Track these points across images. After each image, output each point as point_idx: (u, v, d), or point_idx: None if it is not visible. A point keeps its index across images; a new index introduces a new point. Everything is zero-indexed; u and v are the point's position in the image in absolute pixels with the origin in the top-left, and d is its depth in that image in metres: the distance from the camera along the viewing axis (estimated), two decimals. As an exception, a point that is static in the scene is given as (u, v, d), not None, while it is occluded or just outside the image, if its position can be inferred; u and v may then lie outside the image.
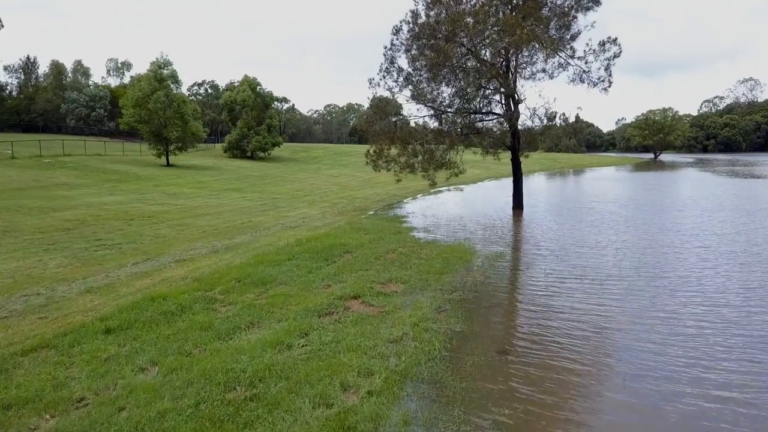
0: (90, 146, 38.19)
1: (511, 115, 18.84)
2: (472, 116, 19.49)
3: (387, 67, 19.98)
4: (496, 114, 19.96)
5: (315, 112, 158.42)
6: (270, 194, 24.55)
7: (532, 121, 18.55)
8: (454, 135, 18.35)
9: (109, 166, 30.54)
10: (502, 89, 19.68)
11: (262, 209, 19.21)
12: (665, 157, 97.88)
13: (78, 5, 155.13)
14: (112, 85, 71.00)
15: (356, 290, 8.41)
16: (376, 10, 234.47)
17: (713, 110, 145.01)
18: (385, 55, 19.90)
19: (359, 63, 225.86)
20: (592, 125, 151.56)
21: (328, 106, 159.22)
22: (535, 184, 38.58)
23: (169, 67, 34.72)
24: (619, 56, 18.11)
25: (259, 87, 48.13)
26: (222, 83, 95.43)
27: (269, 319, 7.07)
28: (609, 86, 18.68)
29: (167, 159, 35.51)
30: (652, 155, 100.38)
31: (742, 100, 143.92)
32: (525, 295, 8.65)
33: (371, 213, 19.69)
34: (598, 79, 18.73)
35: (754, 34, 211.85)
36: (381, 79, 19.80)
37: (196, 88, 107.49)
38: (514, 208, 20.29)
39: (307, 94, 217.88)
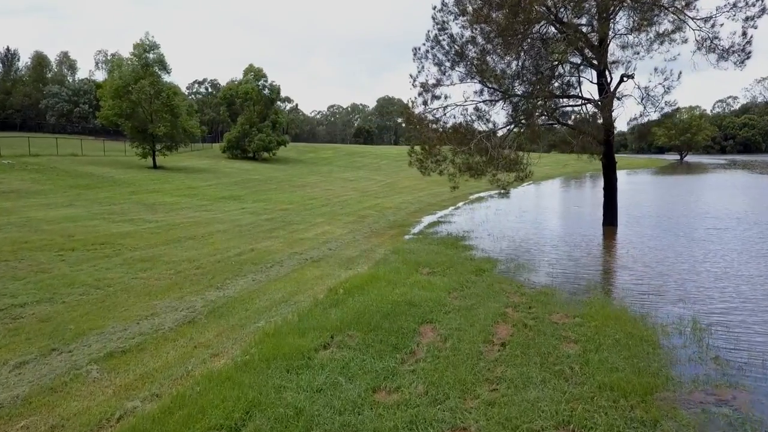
0: (65, 145, 33.01)
1: (611, 99, 13.67)
2: (558, 101, 14.34)
3: (436, 35, 14.89)
4: (584, 98, 14.78)
5: (318, 113, 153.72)
6: (277, 204, 19.42)
7: (644, 107, 13.34)
8: (536, 127, 13.21)
9: (81, 169, 25.43)
10: (584, 63, 14.55)
11: (269, 227, 14.08)
12: (689, 158, 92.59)
13: (79, 7, 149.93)
14: (101, 79, 65.33)
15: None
16: (379, 11, 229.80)
17: (726, 110, 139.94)
18: (433, 18, 14.82)
19: (363, 64, 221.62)
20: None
21: (332, 106, 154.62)
22: (591, 190, 33.41)
23: (156, 51, 29.47)
24: (766, 14, 12.94)
25: (264, 79, 42.74)
26: (223, 82, 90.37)
27: None
28: (747, 58, 13.50)
29: (154, 160, 30.23)
30: (668, 156, 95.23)
31: (759, 100, 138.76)
32: None
33: (416, 232, 14.55)
34: (730, 48, 13.55)
35: (761, 35, 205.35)
36: (429, 50, 14.73)
37: (196, 86, 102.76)
38: (605, 224, 15.12)
39: (310, 94, 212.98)
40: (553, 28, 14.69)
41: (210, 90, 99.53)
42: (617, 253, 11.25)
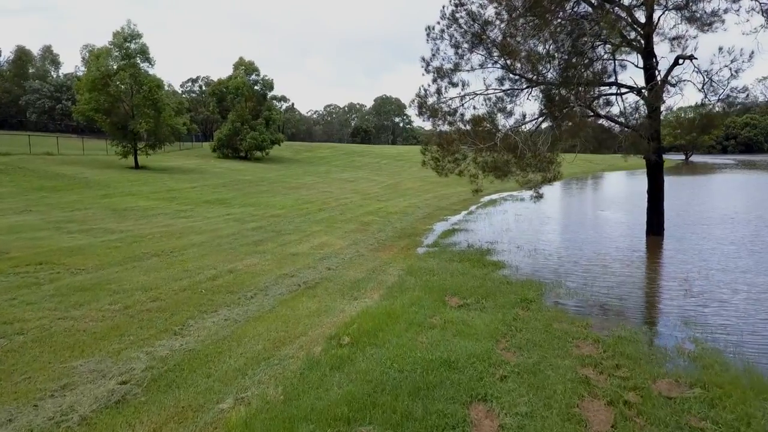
0: (41, 143, 30.48)
1: (662, 86, 11.53)
2: (597, 89, 12.19)
3: (453, 12, 12.67)
4: (627, 86, 12.65)
5: (315, 113, 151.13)
6: (267, 209, 17.16)
7: (706, 95, 11.20)
8: (577, 119, 11.05)
9: (54, 169, 23.06)
10: (625, 43, 12.40)
11: (255, 238, 11.82)
12: (694, 158, 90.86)
13: (77, 7, 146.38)
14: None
15: None
16: (376, 10, 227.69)
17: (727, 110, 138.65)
18: (451, -9, 12.61)
19: (360, 63, 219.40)
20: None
21: (329, 106, 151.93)
22: (607, 192, 31.27)
23: (138, 41, 27.04)
24: None
25: (255, 73, 40.28)
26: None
27: None
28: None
29: (135, 159, 27.78)
30: (670, 156, 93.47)
31: (760, 99, 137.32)
32: None
33: (429, 243, 12.33)
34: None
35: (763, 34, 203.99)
36: (444, 29, 12.52)
37: (189, 84, 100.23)
38: (649, 233, 13.04)
39: (306, 94, 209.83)
40: (587, 6, 12.59)
41: (204, 88, 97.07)
42: (690, 276, 9.00)
